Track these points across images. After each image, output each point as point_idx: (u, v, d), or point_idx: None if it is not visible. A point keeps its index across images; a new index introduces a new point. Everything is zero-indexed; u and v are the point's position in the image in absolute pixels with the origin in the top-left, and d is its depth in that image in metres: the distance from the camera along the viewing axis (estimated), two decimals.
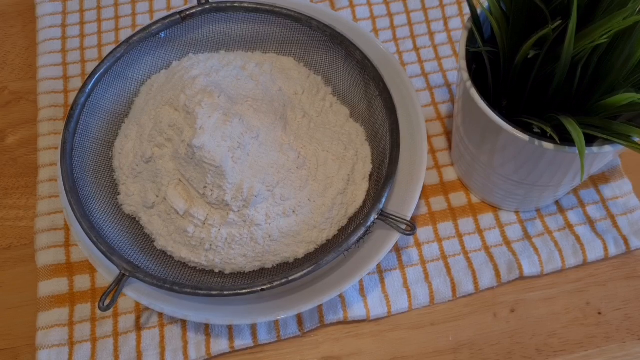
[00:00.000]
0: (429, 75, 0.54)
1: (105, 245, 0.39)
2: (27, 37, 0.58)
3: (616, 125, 0.34)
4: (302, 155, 0.43)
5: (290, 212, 0.41)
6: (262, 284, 0.38)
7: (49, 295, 0.45)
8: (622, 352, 0.43)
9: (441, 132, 0.52)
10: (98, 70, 0.44)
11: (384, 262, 0.46)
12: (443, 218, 0.48)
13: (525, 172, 0.40)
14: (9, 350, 0.44)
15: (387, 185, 0.40)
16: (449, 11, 0.57)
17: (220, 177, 0.40)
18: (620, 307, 0.44)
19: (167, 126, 0.42)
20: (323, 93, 0.48)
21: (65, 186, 0.40)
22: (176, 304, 0.40)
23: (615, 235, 0.46)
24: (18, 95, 0.55)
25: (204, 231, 0.41)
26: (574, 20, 0.32)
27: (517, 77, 0.38)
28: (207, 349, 0.43)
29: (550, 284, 0.45)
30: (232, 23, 0.48)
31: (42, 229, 0.47)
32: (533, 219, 0.47)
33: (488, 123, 0.38)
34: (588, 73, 0.36)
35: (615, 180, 0.49)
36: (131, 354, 0.43)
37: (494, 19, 0.36)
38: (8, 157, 0.52)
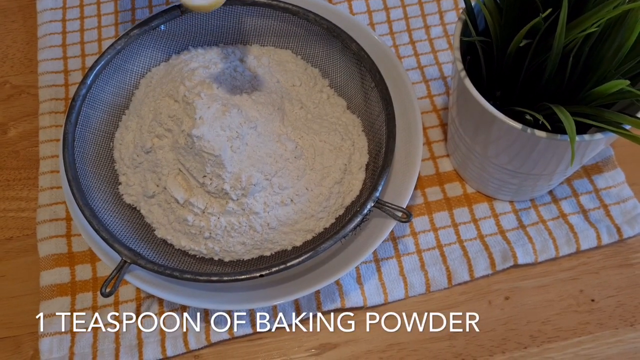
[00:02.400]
0: (424, 68, 0.55)
1: (106, 233, 0.40)
2: (27, 32, 0.59)
3: (608, 113, 0.35)
4: (299, 145, 0.44)
5: (288, 201, 0.42)
6: (261, 270, 0.38)
7: (50, 284, 0.46)
8: (615, 338, 0.44)
9: (437, 124, 0.52)
10: (98, 63, 0.44)
11: (381, 251, 0.47)
12: (439, 208, 0.49)
13: (519, 161, 0.41)
14: (11, 338, 0.45)
15: (384, 174, 0.41)
16: (444, 5, 0.58)
17: (219, 167, 0.40)
18: (612, 295, 0.45)
19: (166, 117, 0.43)
20: (320, 85, 0.49)
21: (68, 176, 0.41)
22: (176, 291, 0.41)
23: (608, 224, 0.47)
24: (19, 89, 0.56)
25: (204, 220, 0.41)
26: (565, 9, 0.32)
27: (510, 68, 0.39)
28: (207, 337, 0.44)
29: (544, 272, 0.46)
30: (231, 16, 0.49)
31: (43, 220, 0.48)
32: (527, 208, 0.48)
33: (482, 113, 0.38)
34: (579, 63, 0.37)
35: (609, 171, 0.49)
36: (132, 342, 0.44)
37: (487, 9, 0.37)
38: (10, 150, 0.53)
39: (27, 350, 0.44)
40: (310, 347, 0.44)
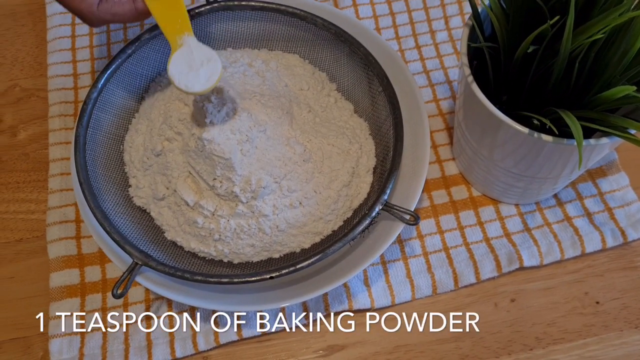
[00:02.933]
0: (430, 73, 0.56)
1: (118, 235, 0.40)
2: (37, 36, 0.60)
3: (613, 118, 0.35)
4: (308, 149, 0.44)
5: (296, 204, 0.43)
6: (270, 272, 0.39)
7: (60, 286, 0.46)
8: (620, 340, 0.44)
9: (442, 128, 0.53)
10: (110, 67, 0.45)
11: (388, 253, 0.47)
12: (445, 211, 0.49)
13: (525, 165, 0.41)
14: (22, 339, 0.45)
15: (391, 176, 0.41)
16: (449, 10, 0.59)
17: (229, 170, 0.41)
18: (617, 297, 0.46)
19: (177, 120, 0.43)
20: (328, 89, 0.49)
21: (79, 178, 0.41)
22: (186, 293, 0.42)
23: (612, 227, 0.48)
24: (29, 92, 0.57)
25: (213, 222, 0.42)
26: (572, 16, 0.33)
27: (516, 73, 0.40)
28: (216, 338, 0.44)
29: (550, 274, 0.47)
30: (239, 21, 0.49)
31: (53, 222, 0.49)
32: (532, 211, 0.49)
33: (489, 117, 0.39)
34: (585, 68, 0.37)
35: (613, 174, 0.50)
36: (141, 343, 0.44)
37: (495, 15, 0.38)
38: (20, 152, 0.53)
39: (37, 352, 0.45)
40: (318, 348, 0.44)
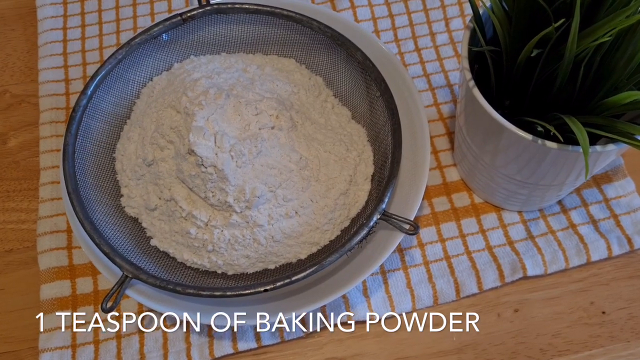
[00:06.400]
0: (430, 76, 0.54)
1: (107, 247, 0.39)
2: (28, 40, 0.58)
3: (620, 124, 0.34)
4: (304, 156, 0.43)
5: (292, 213, 0.41)
6: (265, 285, 0.38)
7: (51, 298, 0.45)
8: (626, 351, 0.43)
9: (443, 133, 0.51)
10: (99, 73, 0.44)
11: (387, 262, 0.46)
12: (446, 219, 0.48)
13: (529, 171, 0.40)
14: (12, 353, 0.44)
15: (390, 185, 0.40)
16: (450, 12, 0.57)
17: (222, 180, 0.40)
18: (624, 307, 0.44)
19: (168, 129, 0.42)
20: (325, 95, 0.48)
21: (68, 188, 0.40)
22: (179, 306, 0.40)
23: (618, 234, 0.46)
24: (19, 98, 0.55)
25: (207, 233, 0.41)
26: (577, 18, 0.32)
27: (519, 77, 0.38)
28: (211, 351, 0.43)
29: (554, 283, 0.45)
30: (233, 25, 0.48)
31: (44, 232, 0.47)
32: (536, 219, 0.47)
33: (491, 123, 0.38)
34: (591, 72, 0.36)
35: (619, 180, 0.49)
36: (134, 357, 0.43)
37: (496, 18, 0.36)
38: (10, 160, 0.52)
39: None
40: None
